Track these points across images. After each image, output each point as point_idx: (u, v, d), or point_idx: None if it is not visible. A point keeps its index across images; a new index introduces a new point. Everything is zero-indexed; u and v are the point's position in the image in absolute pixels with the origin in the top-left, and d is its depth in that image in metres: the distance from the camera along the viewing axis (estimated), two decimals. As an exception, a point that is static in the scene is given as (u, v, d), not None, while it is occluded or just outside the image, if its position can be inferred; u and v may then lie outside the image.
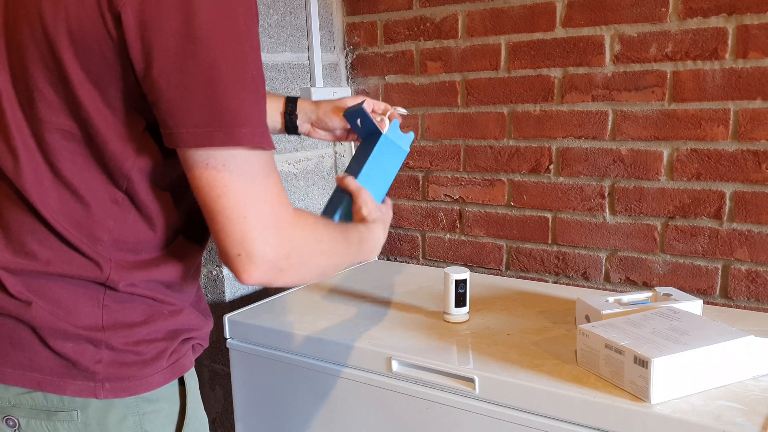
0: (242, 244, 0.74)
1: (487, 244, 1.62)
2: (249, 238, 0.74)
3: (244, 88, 0.71)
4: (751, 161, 1.28)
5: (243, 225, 0.74)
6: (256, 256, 0.75)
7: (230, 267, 0.76)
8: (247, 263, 0.75)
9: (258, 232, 0.74)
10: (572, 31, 1.42)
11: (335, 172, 1.77)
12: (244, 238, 0.74)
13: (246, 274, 0.75)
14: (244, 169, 0.73)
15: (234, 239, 0.74)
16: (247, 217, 0.74)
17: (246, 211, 0.74)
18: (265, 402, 1.29)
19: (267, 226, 0.75)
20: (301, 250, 0.80)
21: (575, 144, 1.45)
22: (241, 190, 0.73)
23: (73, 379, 0.78)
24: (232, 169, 0.72)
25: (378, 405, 1.14)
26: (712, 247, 1.34)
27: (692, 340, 0.93)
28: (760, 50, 1.24)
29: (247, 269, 0.75)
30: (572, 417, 0.95)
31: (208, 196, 0.73)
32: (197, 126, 0.70)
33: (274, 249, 0.76)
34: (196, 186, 0.73)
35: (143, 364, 0.80)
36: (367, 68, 1.72)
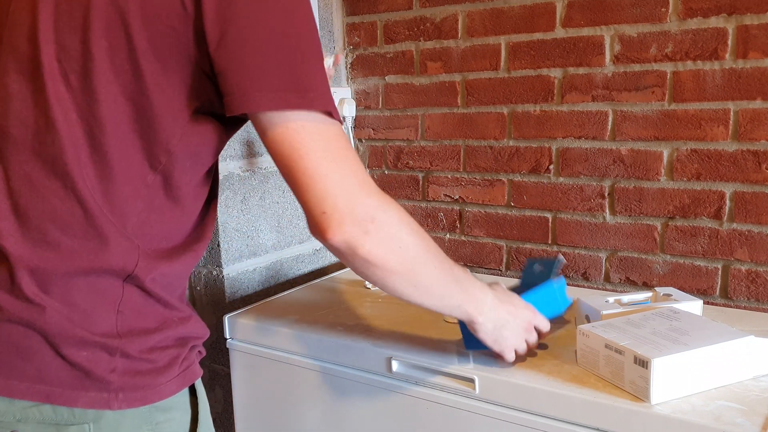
0: (326, 200, 0.74)
1: (487, 244, 1.62)
2: (332, 194, 0.74)
3: (314, 57, 0.74)
4: (751, 161, 1.28)
5: (325, 182, 0.74)
6: (339, 210, 0.74)
7: (316, 229, 0.75)
8: (331, 219, 0.74)
9: (340, 189, 0.74)
10: (572, 32, 1.42)
11: (335, 173, 1.77)
12: (327, 194, 0.74)
13: (331, 231, 0.74)
14: (322, 131, 0.74)
15: (317, 197, 0.74)
16: (328, 175, 0.74)
17: (327, 169, 0.74)
18: (265, 402, 1.29)
19: (350, 184, 0.75)
20: (389, 220, 0.78)
21: (575, 144, 1.46)
22: (323, 149, 0.74)
23: (86, 390, 0.75)
24: (311, 129, 0.73)
25: (378, 405, 1.14)
26: (712, 248, 1.34)
27: (692, 340, 0.93)
28: (760, 50, 1.24)
29: (332, 225, 0.74)
30: (572, 417, 0.95)
31: (289, 158, 0.73)
32: (275, 89, 0.71)
33: (358, 206, 0.75)
34: (276, 150, 0.74)
35: (157, 372, 0.79)
36: (367, 68, 1.72)
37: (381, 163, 1.75)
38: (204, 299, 1.52)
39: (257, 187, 1.55)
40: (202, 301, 1.53)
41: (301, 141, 0.73)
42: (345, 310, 1.33)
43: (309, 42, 0.74)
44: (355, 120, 1.76)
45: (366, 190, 0.76)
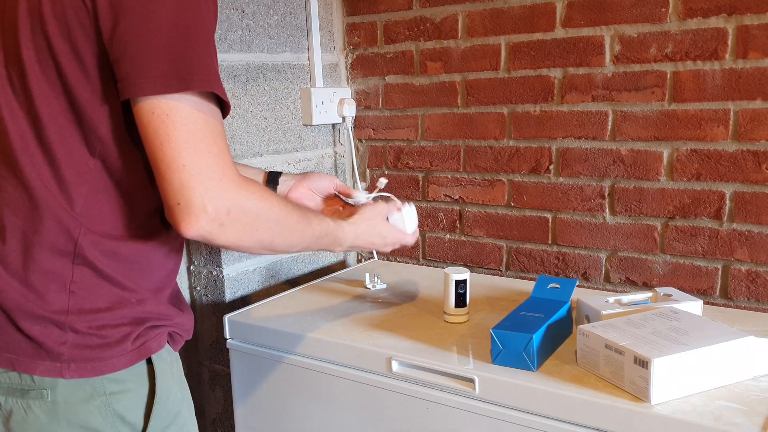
0: (181, 193, 0.75)
1: (487, 244, 1.62)
2: (188, 186, 0.75)
3: (201, 43, 0.77)
4: (751, 161, 1.28)
5: (181, 173, 0.75)
6: (194, 205, 0.76)
7: (171, 219, 0.77)
8: (185, 213, 0.76)
9: (197, 181, 0.76)
10: (572, 32, 1.42)
11: (335, 173, 1.77)
12: (182, 186, 0.75)
13: (184, 224, 0.76)
14: (189, 120, 0.76)
15: (173, 188, 0.76)
16: (185, 166, 0.75)
17: (185, 160, 0.75)
18: (265, 402, 1.29)
19: (207, 177, 0.76)
20: (245, 208, 0.81)
21: (575, 144, 1.46)
22: (184, 139, 0.75)
23: (42, 359, 0.82)
24: (176, 118, 0.75)
25: (378, 405, 1.14)
26: (712, 248, 1.34)
27: (692, 340, 0.93)
28: (760, 50, 1.24)
29: (186, 219, 0.76)
30: (572, 417, 0.95)
31: (152, 144, 0.76)
32: (157, 75, 0.74)
33: (213, 201, 0.77)
34: (144, 137, 0.76)
35: (107, 346, 0.83)
36: (367, 68, 1.72)
37: (381, 163, 1.75)
38: (204, 299, 1.52)
39: (257, 187, 1.54)
40: (202, 301, 1.53)
41: (165, 128, 0.75)
42: (345, 310, 1.33)
43: (197, 29, 0.77)
44: (355, 120, 1.76)
45: (224, 182, 0.78)
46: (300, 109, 1.64)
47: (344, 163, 1.80)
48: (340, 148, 1.78)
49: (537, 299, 1.17)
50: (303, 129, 1.66)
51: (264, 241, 0.86)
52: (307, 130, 1.67)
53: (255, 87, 1.53)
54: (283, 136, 1.60)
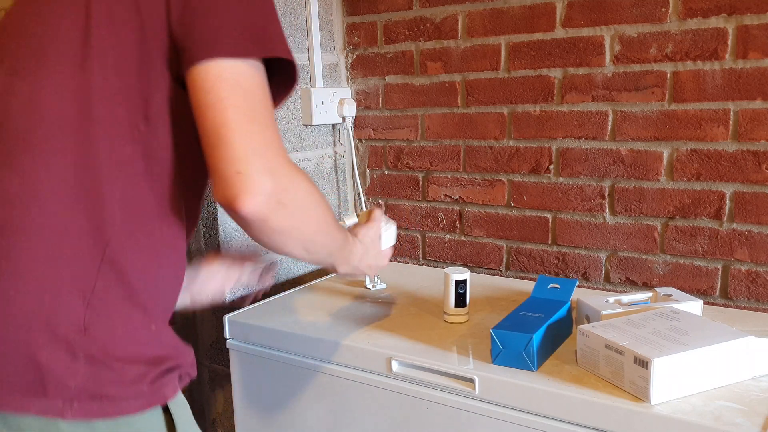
0: (244, 160, 0.69)
1: (487, 244, 1.62)
2: (252, 153, 0.69)
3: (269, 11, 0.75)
4: (751, 161, 1.28)
5: (248, 139, 0.69)
6: (258, 174, 0.69)
7: (226, 191, 0.70)
8: (247, 183, 0.69)
9: (263, 150, 0.70)
10: (572, 32, 1.42)
11: (335, 173, 1.77)
12: (247, 154, 0.69)
13: (244, 196, 0.69)
14: (257, 90, 0.72)
15: (236, 154, 0.69)
16: (253, 133, 0.70)
17: (254, 127, 0.70)
18: (265, 402, 1.29)
19: (271, 148, 0.71)
20: (300, 190, 0.75)
21: (575, 144, 1.46)
22: (251, 107, 0.71)
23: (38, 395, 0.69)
24: (246, 85, 0.71)
25: (378, 405, 1.14)
26: (712, 248, 1.34)
27: (692, 340, 0.93)
28: (760, 50, 1.24)
29: (246, 190, 0.69)
30: (572, 417, 0.95)
31: (214, 109, 0.70)
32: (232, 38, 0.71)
33: (276, 174, 0.71)
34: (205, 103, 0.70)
35: (120, 383, 0.72)
36: (367, 68, 1.72)
37: (381, 163, 1.75)
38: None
39: (257, 187, 1.54)
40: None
41: (233, 93, 0.70)
42: (345, 310, 1.33)
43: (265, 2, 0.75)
44: (355, 120, 1.76)
45: (284, 158, 0.73)
46: (300, 109, 1.64)
47: (344, 163, 1.80)
48: (340, 148, 1.78)
49: (537, 299, 1.17)
50: (303, 129, 1.66)
51: (310, 234, 0.80)
52: (307, 130, 1.67)
53: (255, 87, 1.52)
54: (283, 136, 1.60)
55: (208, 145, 0.70)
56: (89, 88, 0.73)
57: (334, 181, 1.76)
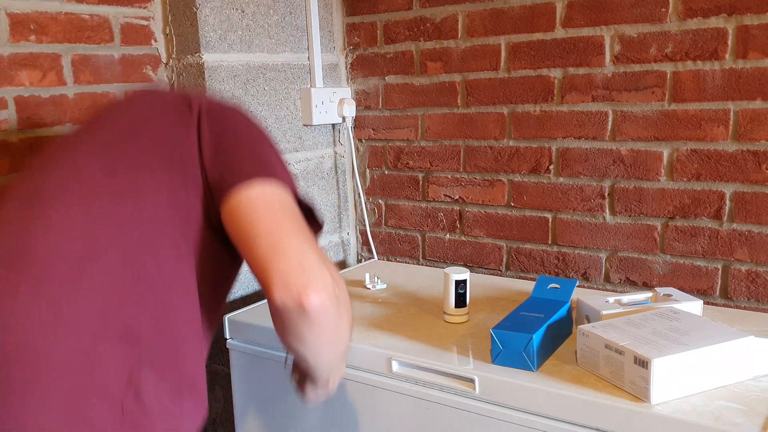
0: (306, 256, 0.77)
1: (487, 244, 1.62)
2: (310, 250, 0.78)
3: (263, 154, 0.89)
4: (751, 161, 1.28)
5: (301, 239, 0.78)
6: (319, 268, 0.76)
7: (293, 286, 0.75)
8: (313, 275, 0.76)
9: (314, 250, 0.79)
10: (572, 32, 1.42)
11: (335, 173, 1.77)
12: (305, 250, 0.77)
13: (311, 288, 0.75)
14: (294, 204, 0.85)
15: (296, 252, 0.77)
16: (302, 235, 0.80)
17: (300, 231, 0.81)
18: (265, 402, 1.29)
19: (318, 250, 0.80)
20: (344, 290, 0.82)
21: (575, 144, 1.46)
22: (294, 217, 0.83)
23: None
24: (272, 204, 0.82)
25: (378, 405, 1.14)
26: (712, 248, 1.34)
27: (692, 340, 0.93)
28: (760, 50, 1.24)
29: (314, 282, 0.76)
30: (572, 417, 0.95)
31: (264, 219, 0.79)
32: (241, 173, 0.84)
33: (329, 270, 0.78)
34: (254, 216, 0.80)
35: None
36: (367, 68, 1.72)
37: (381, 163, 1.75)
38: (204, 299, 1.52)
39: (257, 187, 1.54)
40: (202, 301, 1.53)
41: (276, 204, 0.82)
42: (345, 310, 1.33)
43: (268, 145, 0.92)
44: (355, 120, 1.76)
45: (327, 259, 0.82)
46: (300, 109, 1.64)
47: (344, 163, 1.80)
48: (340, 148, 1.78)
49: (537, 299, 1.17)
50: (303, 129, 1.66)
51: (346, 334, 0.86)
52: (307, 130, 1.67)
53: (255, 87, 1.53)
54: (283, 136, 1.60)
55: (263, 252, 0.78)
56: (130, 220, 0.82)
57: (334, 181, 1.76)
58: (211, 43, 1.43)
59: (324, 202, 1.73)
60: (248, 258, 0.80)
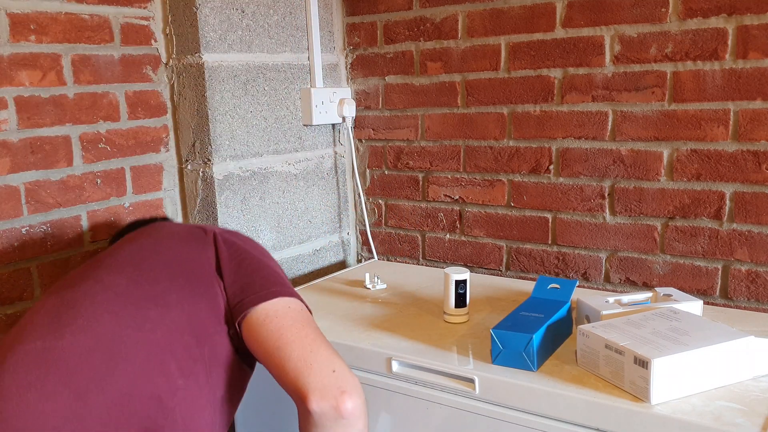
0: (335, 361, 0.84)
1: (487, 244, 1.62)
2: (336, 356, 0.85)
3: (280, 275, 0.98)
4: (751, 162, 1.28)
5: (326, 347, 0.85)
6: (349, 373, 0.84)
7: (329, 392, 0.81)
8: (346, 378, 0.83)
9: (340, 358, 0.86)
10: (572, 32, 1.42)
11: (335, 173, 1.77)
12: (332, 356, 0.85)
13: (347, 392, 0.81)
14: (307, 317, 0.92)
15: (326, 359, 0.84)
16: (325, 343, 0.87)
17: (322, 339, 0.88)
18: (265, 402, 1.29)
19: (340, 357, 0.86)
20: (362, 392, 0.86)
21: (575, 144, 1.46)
22: (314, 328, 0.90)
23: None
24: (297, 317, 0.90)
25: (378, 405, 1.14)
26: (712, 248, 1.34)
27: (692, 340, 0.93)
28: (760, 50, 1.24)
29: (348, 385, 0.82)
30: (572, 417, 0.95)
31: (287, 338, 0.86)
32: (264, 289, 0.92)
33: (352, 375, 0.84)
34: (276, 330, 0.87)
35: None
36: (367, 69, 1.72)
37: (381, 163, 1.75)
38: (204, 299, 1.52)
39: (257, 187, 1.55)
40: (202, 301, 1.53)
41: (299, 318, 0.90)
42: (345, 310, 1.33)
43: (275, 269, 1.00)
44: (355, 120, 1.76)
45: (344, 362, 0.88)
46: (300, 110, 1.64)
47: (344, 163, 1.80)
48: (340, 149, 1.78)
49: (537, 299, 1.17)
50: (303, 129, 1.66)
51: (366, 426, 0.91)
52: (307, 130, 1.67)
53: (255, 87, 1.53)
54: (283, 137, 1.60)
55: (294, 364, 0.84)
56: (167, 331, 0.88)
57: (334, 181, 1.76)
58: (211, 43, 1.43)
59: (324, 202, 1.73)
60: (277, 368, 0.86)
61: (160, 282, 0.92)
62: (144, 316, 0.87)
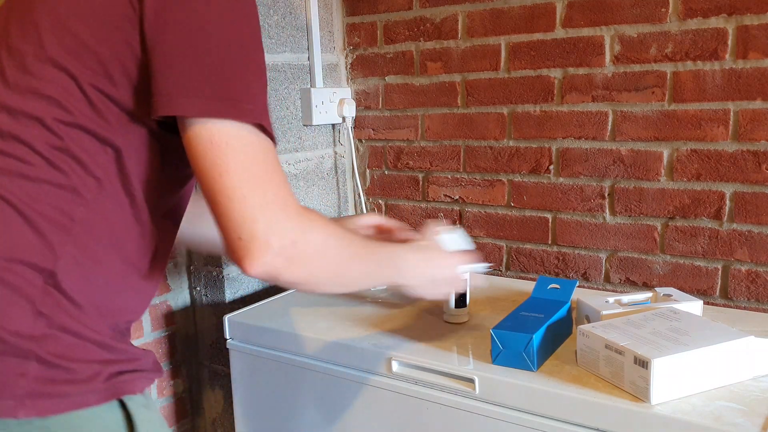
0: (242, 226, 0.70)
1: (487, 244, 1.62)
2: (250, 218, 0.70)
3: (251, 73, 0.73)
4: (751, 162, 1.28)
5: (242, 204, 0.70)
6: (257, 239, 0.70)
7: (232, 256, 0.71)
8: (249, 248, 0.70)
9: (259, 213, 0.71)
10: (572, 32, 1.42)
11: (335, 173, 1.77)
12: (244, 219, 0.70)
13: (248, 261, 0.71)
14: (248, 149, 0.71)
15: (234, 221, 0.70)
16: (247, 197, 0.70)
17: (247, 191, 0.70)
18: (265, 402, 1.29)
19: (270, 208, 0.71)
20: (310, 240, 0.75)
21: (575, 144, 1.46)
22: (244, 169, 0.71)
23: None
24: (236, 146, 0.70)
25: (378, 405, 1.14)
26: (712, 248, 1.34)
27: (692, 340, 0.93)
28: (760, 50, 1.24)
29: (249, 255, 0.70)
30: (572, 417, 0.95)
31: (208, 174, 0.70)
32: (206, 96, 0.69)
33: (278, 233, 0.71)
34: (197, 164, 0.71)
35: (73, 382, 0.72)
36: (367, 69, 1.72)
37: (381, 164, 1.75)
38: (204, 299, 1.52)
39: (257, 187, 1.54)
40: (202, 301, 1.53)
41: (223, 157, 0.70)
42: (345, 310, 1.33)
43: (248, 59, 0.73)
44: (355, 120, 1.76)
45: (287, 212, 0.73)
46: (300, 110, 1.64)
47: (344, 163, 1.80)
48: (340, 149, 1.78)
49: (537, 299, 1.17)
50: (303, 129, 1.66)
51: (333, 273, 0.81)
52: (307, 130, 1.67)
53: (255, 87, 1.52)
54: (283, 137, 1.60)
55: (211, 210, 0.72)
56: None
57: (334, 181, 1.76)
58: (211, 43, 1.43)
59: (324, 202, 1.73)
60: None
61: None
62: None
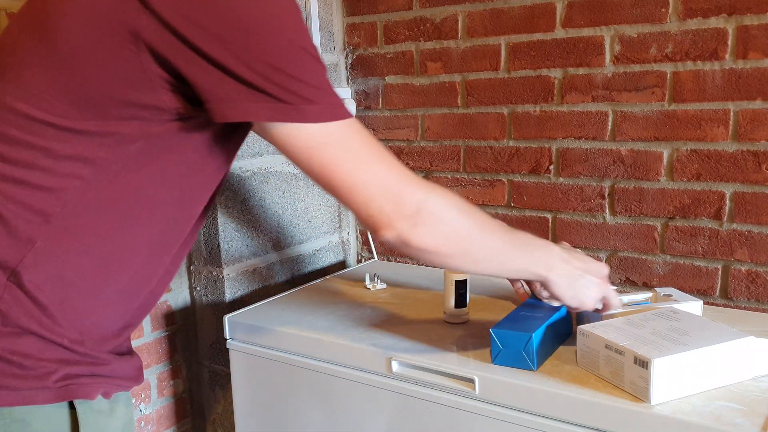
0: (370, 205, 0.78)
1: (487, 244, 1.61)
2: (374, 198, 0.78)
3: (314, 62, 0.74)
4: (751, 162, 1.28)
5: (365, 189, 0.78)
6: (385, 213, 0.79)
7: (368, 229, 0.81)
8: (379, 221, 0.79)
9: (382, 191, 0.79)
10: (572, 32, 1.42)
11: (335, 173, 1.77)
12: (370, 200, 0.78)
13: (382, 232, 0.80)
14: (343, 140, 0.77)
15: (361, 204, 0.79)
16: (367, 182, 0.78)
17: (364, 176, 0.78)
18: (265, 402, 1.29)
19: (389, 184, 0.79)
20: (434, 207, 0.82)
21: (575, 144, 1.46)
22: (352, 159, 0.77)
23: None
24: (334, 142, 0.76)
25: (378, 405, 1.14)
26: (712, 248, 1.34)
27: (692, 340, 0.93)
28: (760, 50, 1.24)
29: (381, 226, 0.79)
30: (572, 417, 0.95)
31: (320, 175, 0.77)
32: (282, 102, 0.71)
33: (402, 204, 0.79)
34: (306, 168, 0.77)
35: (24, 378, 0.72)
36: (367, 69, 1.72)
37: (381, 164, 1.75)
38: (204, 299, 1.52)
39: (257, 187, 1.55)
40: (202, 301, 1.53)
41: (329, 156, 0.76)
42: (345, 310, 1.33)
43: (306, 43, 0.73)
44: (355, 120, 1.76)
45: (405, 183, 0.80)
46: (300, 109, 1.64)
47: (344, 163, 1.80)
48: (340, 148, 1.78)
49: (537, 299, 1.17)
50: (303, 129, 1.66)
51: (461, 244, 0.86)
52: (307, 130, 1.67)
53: (255, 87, 1.52)
54: (283, 136, 1.60)
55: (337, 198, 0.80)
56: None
57: (334, 181, 1.76)
58: (211, 43, 1.43)
59: (324, 202, 1.73)
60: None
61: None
62: None
